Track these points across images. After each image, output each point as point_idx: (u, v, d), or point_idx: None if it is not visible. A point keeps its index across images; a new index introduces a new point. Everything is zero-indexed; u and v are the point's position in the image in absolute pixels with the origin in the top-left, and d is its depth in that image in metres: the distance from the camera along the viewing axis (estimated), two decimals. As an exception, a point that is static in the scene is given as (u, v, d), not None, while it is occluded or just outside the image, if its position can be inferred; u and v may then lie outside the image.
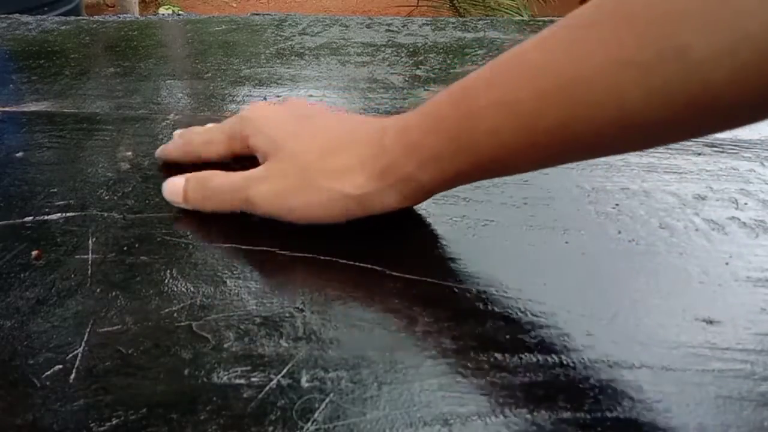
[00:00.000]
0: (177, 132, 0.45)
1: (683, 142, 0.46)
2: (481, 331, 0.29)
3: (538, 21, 0.72)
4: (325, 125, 0.37)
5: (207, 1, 4.03)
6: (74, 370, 0.27)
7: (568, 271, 0.33)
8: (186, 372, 0.27)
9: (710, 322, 0.29)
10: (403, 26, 0.73)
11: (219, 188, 0.37)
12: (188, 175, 0.38)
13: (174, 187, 0.38)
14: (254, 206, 0.35)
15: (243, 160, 0.41)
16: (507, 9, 2.82)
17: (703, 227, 0.36)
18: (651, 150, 0.45)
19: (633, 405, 0.25)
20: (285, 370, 0.27)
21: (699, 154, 0.44)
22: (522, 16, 2.71)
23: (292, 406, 0.25)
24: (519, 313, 0.30)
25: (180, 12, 3.35)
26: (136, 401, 0.26)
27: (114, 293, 0.31)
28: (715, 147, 0.45)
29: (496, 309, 0.30)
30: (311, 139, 0.36)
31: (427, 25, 0.74)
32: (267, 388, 0.26)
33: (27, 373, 0.27)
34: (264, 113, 0.40)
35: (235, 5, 3.98)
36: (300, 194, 0.34)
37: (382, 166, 0.33)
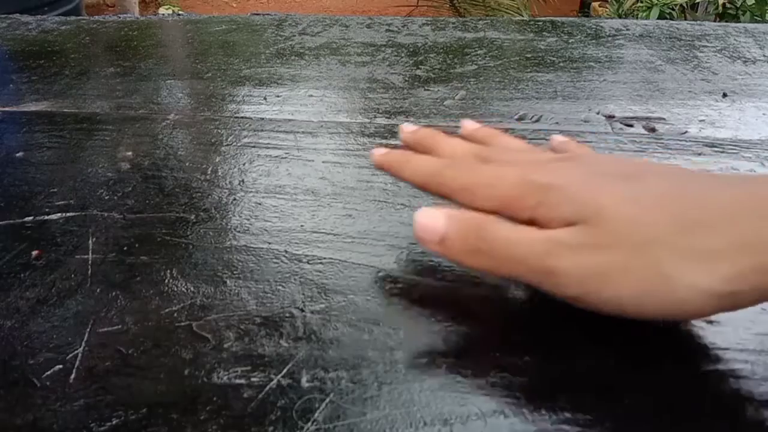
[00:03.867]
0: (410, 133, 0.36)
1: (683, 142, 0.46)
2: (482, 331, 0.29)
3: (538, 21, 0.72)
4: (676, 187, 0.27)
5: (207, 1, 4.03)
6: (74, 370, 0.27)
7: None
8: (186, 372, 0.27)
9: (710, 322, 0.29)
10: (403, 26, 0.73)
11: (505, 245, 0.27)
12: (454, 212, 0.29)
13: (430, 222, 0.29)
14: (555, 280, 0.26)
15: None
16: (507, 9, 2.82)
17: (703, 227, 0.36)
18: (651, 150, 0.45)
19: (633, 405, 0.25)
20: (285, 370, 0.27)
21: (699, 154, 0.44)
22: (522, 16, 2.71)
23: (292, 406, 0.25)
24: (519, 313, 0.30)
25: (180, 12, 3.35)
26: (136, 401, 0.26)
27: (114, 293, 0.31)
28: (716, 147, 0.45)
29: (496, 308, 0.30)
30: (659, 206, 0.26)
31: (427, 25, 0.74)
32: (267, 388, 0.26)
33: (27, 373, 0.27)
34: (565, 174, 0.29)
35: (235, 5, 3.98)
36: (633, 279, 0.25)
37: None
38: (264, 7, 3.97)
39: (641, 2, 2.38)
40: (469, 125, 0.39)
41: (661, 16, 2.26)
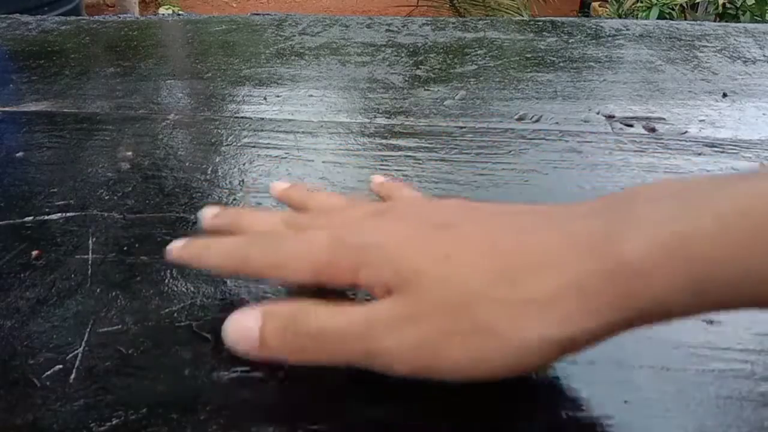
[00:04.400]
0: (211, 218, 0.32)
1: (683, 142, 0.46)
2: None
3: (538, 21, 0.72)
4: (491, 235, 0.25)
5: (207, 1, 4.03)
6: (74, 370, 0.27)
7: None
8: (186, 372, 0.27)
9: (710, 322, 0.29)
10: (403, 26, 0.73)
11: (324, 335, 0.24)
12: (267, 308, 0.26)
13: (243, 330, 0.26)
14: (382, 361, 0.24)
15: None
16: (507, 9, 2.82)
17: (703, 227, 0.36)
18: (651, 150, 0.45)
19: (633, 405, 0.25)
20: (284, 369, 0.27)
21: (699, 154, 0.44)
22: (522, 16, 2.71)
23: (293, 406, 0.25)
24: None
25: (180, 12, 3.35)
26: (136, 401, 0.26)
27: (114, 293, 0.31)
28: (716, 147, 0.45)
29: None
30: (473, 260, 0.24)
31: (427, 25, 0.74)
32: (267, 387, 0.26)
33: (27, 373, 0.27)
34: (380, 231, 0.26)
35: (235, 5, 3.98)
36: (462, 344, 0.23)
37: (624, 290, 0.21)
38: (264, 7, 3.97)
39: (641, 2, 2.38)
40: (278, 186, 0.35)
41: (661, 16, 2.26)
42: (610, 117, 0.50)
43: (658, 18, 2.23)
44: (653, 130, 0.48)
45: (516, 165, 0.43)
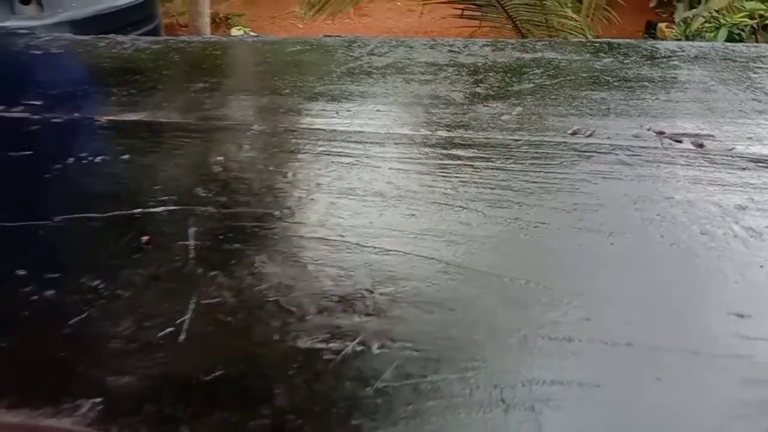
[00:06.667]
0: None
1: (729, 158, 0.48)
2: (529, 320, 0.33)
3: (595, 42, 0.75)
4: None
5: (274, 21, 4.18)
6: (183, 332, 0.32)
7: (613, 270, 0.37)
8: (276, 337, 0.32)
9: (741, 315, 0.32)
10: (464, 47, 0.78)
11: None
12: None
13: None
14: None
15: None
16: (570, 30, 2.83)
17: (741, 234, 0.39)
18: (698, 164, 0.48)
19: (664, 383, 0.28)
20: (358, 339, 0.31)
21: (744, 168, 0.47)
22: (586, 36, 2.71)
23: (365, 368, 0.30)
24: (566, 306, 0.34)
25: (251, 32, 3.50)
26: (234, 358, 0.31)
27: (213, 273, 0.37)
28: (761, 162, 0.48)
29: (542, 300, 0.34)
30: None
31: (488, 46, 0.78)
32: (343, 353, 0.31)
33: (143, 334, 0.33)
34: None
35: (301, 26, 4.12)
36: None
37: None
38: (329, 26, 4.10)
39: (709, 23, 2.35)
40: None
41: (730, 38, 2.23)
42: (660, 133, 0.53)
43: (727, 39, 2.20)
44: (701, 146, 0.51)
45: (567, 174, 0.46)
